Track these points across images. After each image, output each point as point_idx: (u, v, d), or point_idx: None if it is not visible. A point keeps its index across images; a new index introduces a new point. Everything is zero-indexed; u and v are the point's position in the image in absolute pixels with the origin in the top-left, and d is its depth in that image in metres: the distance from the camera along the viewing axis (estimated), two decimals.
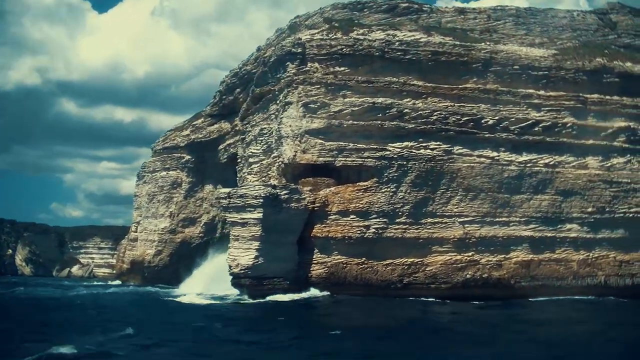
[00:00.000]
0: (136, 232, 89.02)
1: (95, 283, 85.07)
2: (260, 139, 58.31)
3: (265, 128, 57.47)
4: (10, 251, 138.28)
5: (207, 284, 55.69)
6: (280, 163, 51.75)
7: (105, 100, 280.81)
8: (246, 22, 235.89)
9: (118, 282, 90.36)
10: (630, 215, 53.21)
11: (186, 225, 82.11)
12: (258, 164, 58.17)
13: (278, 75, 54.39)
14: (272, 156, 55.28)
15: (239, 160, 66.12)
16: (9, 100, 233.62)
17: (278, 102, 53.93)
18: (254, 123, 60.44)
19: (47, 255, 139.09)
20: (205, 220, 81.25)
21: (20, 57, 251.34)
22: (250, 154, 60.09)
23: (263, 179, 55.87)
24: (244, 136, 63.74)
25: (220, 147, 77.22)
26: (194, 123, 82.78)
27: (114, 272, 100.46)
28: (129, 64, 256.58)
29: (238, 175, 66.28)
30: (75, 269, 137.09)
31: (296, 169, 50.73)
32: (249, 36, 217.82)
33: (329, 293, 47.07)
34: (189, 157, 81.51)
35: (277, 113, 54.38)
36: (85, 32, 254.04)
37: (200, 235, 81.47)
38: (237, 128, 71.99)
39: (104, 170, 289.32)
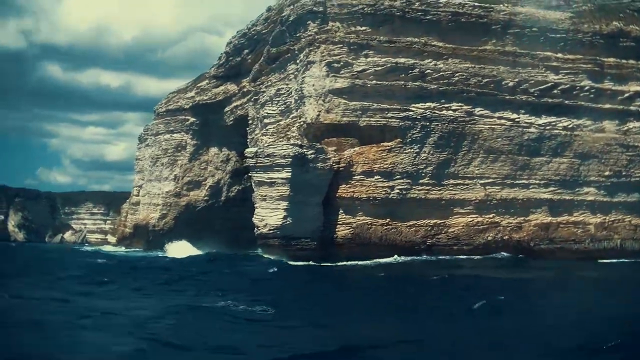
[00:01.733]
0: (138, 195, 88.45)
1: (122, 250, 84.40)
2: (277, 99, 57.91)
3: (282, 88, 57.06)
4: (1, 217, 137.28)
5: None
6: (302, 123, 51.46)
7: (92, 64, 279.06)
8: None
9: (122, 248, 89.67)
10: None
11: (191, 189, 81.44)
12: (274, 125, 57.80)
13: (298, 35, 53.91)
14: (290, 116, 54.95)
15: (250, 121, 65.66)
16: None
17: (298, 61, 53.52)
18: (269, 83, 59.97)
19: (39, 220, 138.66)
20: (210, 183, 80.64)
21: (4, 18, 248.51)
22: (266, 114, 59.69)
23: (281, 139, 55.49)
24: (257, 97, 63.21)
25: (226, 109, 76.40)
26: (198, 85, 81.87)
27: (116, 237, 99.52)
28: (116, 28, 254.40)
29: (249, 136, 65.84)
30: (67, 235, 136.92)
31: (318, 129, 50.49)
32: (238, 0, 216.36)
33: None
34: (194, 119, 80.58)
35: (296, 73, 54.03)
36: None
37: (205, 198, 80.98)
38: (245, 89, 71.35)
39: (89, 136, 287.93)
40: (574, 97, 52.87)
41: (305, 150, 47.41)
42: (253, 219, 49.10)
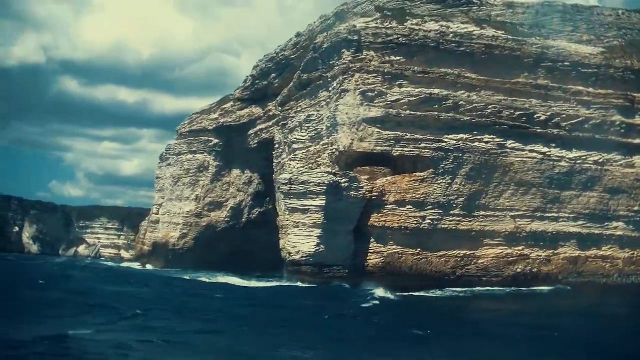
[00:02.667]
0: (158, 214, 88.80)
1: (148, 268, 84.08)
2: (307, 125, 58.16)
3: (313, 114, 57.34)
4: (17, 228, 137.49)
5: None
6: (334, 150, 51.66)
7: (109, 80, 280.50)
8: (252, 6, 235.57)
9: (138, 264, 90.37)
10: None
11: (212, 210, 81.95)
12: (304, 151, 58.01)
13: (331, 62, 54.22)
14: (321, 143, 55.18)
15: (277, 145, 66.00)
16: (10, 77, 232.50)
17: (331, 89, 53.80)
18: (298, 109, 60.26)
19: (53, 234, 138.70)
20: (231, 204, 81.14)
21: (24, 33, 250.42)
22: (294, 140, 59.93)
23: (310, 165, 55.72)
24: (285, 122, 63.50)
25: (251, 132, 77.01)
26: (222, 107, 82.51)
27: (129, 252, 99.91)
28: (134, 45, 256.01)
29: (275, 160, 66.18)
30: (82, 249, 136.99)
31: (350, 157, 50.70)
32: (255, 21, 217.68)
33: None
34: (217, 140, 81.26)
35: (329, 100, 54.29)
36: (90, 10, 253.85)
37: (227, 219, 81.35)
38: (271, 113, 71.89)
39: (104, 151, 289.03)
40: (605, 132, 53.11)
41: (339, 178, 47.64)
42: (286, 244, 49.26)
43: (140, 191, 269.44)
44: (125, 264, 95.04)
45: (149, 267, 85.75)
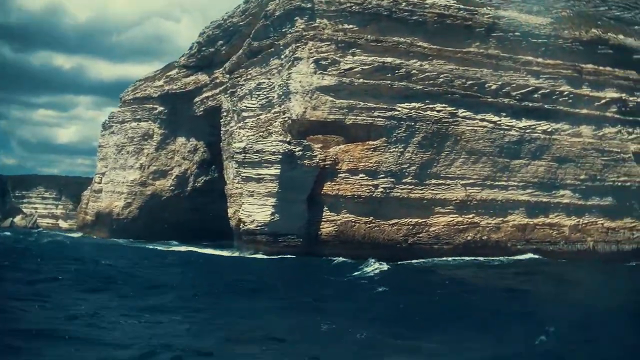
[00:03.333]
0: (100, 183, 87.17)
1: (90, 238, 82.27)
2: (257, 93, 57.54)
3: (264, 82, 56.72)
4: None
5: None
6: (287, 119, 51.25)
7: (43, 45, 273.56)
8: None
9: (80, 234, 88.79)
10: (619, 183, 54.97)
11: (157, 178, 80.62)
12: (254, 119, 57.46)
13: (283, 30, 53.66)
14: (272, 111, 54.72)
15: (224, 113, 65.31)
16: None
17: (283, 57, 53.27)
18: (248, 77, 59.56)
19: None
20: (176, 173, 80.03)
21: None
22: (244, 107, 59.27)
23: (261, 133, 55.25)
24: (234, 90, 62.74)
25: (196, 99, 75.78)
26: (167, 74, 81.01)
27: (72, 223, 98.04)
28: (70, 8, 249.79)
29: (223, 128, 65.56)
30: (18, 219, 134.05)
31: (303, 125, 50.36)
32: None
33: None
34: (162, 108, 79.79)
35: (280, 68, 53.79)
36: None
37: (172, 188, 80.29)
38: (217, 80, 70.90)
39: (39, 118, 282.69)
40: (553, 102, 53.80)
41: (293, 147, 47.33)
42: (240, 214, 48.84)
43: (78, 159, 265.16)
44: (76, 235, 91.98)
45: (94, 237, 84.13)
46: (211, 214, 68.97)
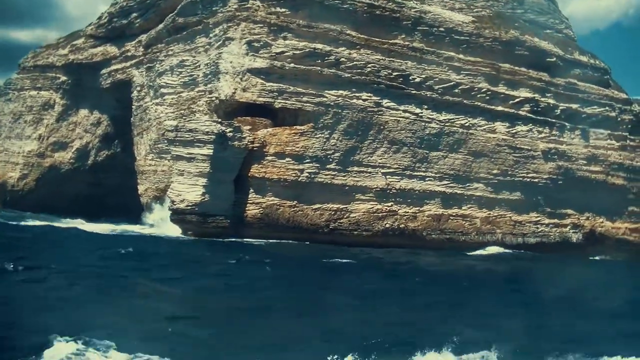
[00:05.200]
0: None
1: None
2: (180, 70, 56.78)
3: (187, 60, 56.02)
4: None
5: None
6: (214, 98, 50.94)
7: None
8: None
9: None
10: (527, 179, 57.30)
11: (56, 150, 77.39)
12: (174, 96, 56.76)
13: (214, 9, 53.17)
14: (196, 90, 54.26)
15: (138, 88, 64.08)
16: None
17: (212, 35, 52.82)
18: (169, 53, 58.63)
19: None
20: (77, 146, 77.19)
21: None
22: (163, 84, 58.41)
23: (182, 112, 54.75)
24: (151, 65, 61.71)
25: (104, 71, 73.18)
26: (73, 43, 77.64)
27: None
28: None
29: (136, 103, 64.36)
30: None
31: (231, 106, 50.17)
32: None
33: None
34: (65, 78, 76.52)
35: (207, 47, 53.33)
36: None
37: (71, 161, 77.63)
38: (129, 54, 69.05)
39: None
40: (472, 98, 55.47)
41: (225, 127, 47.14)
42: (168, 193, 48.37)
43: None
44: None
45: None
46: (113, 190, 67.86)
